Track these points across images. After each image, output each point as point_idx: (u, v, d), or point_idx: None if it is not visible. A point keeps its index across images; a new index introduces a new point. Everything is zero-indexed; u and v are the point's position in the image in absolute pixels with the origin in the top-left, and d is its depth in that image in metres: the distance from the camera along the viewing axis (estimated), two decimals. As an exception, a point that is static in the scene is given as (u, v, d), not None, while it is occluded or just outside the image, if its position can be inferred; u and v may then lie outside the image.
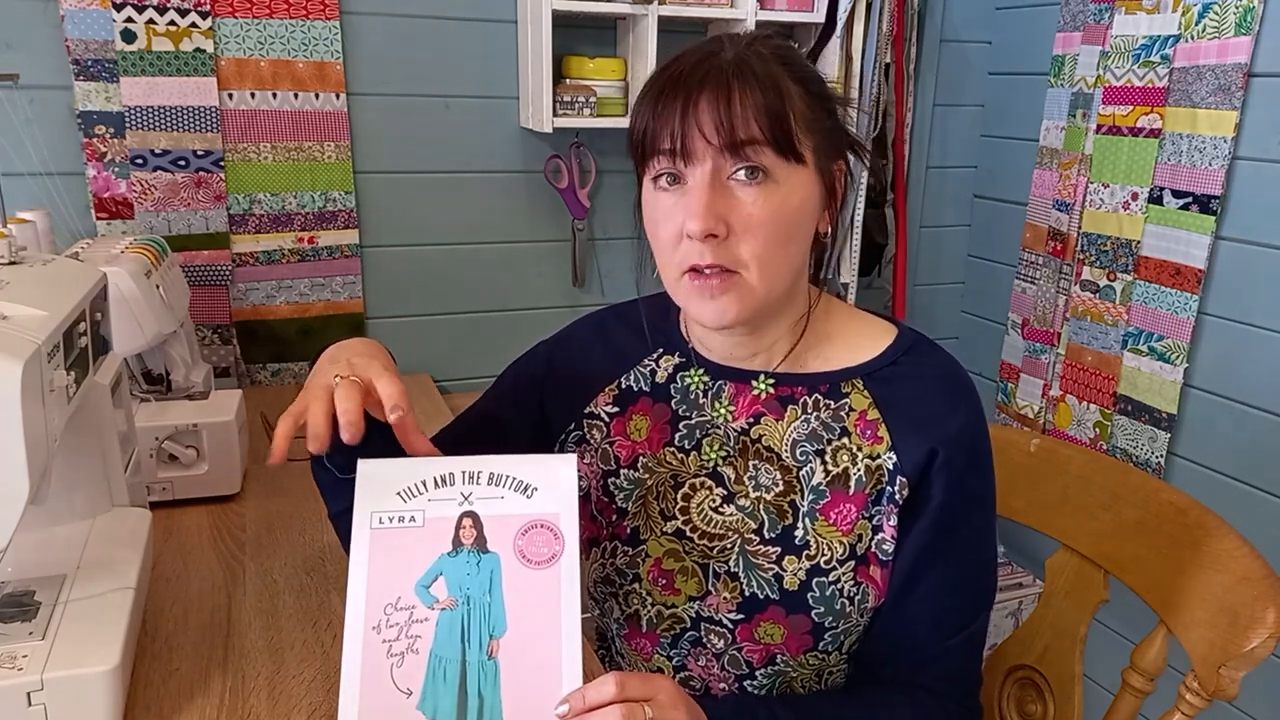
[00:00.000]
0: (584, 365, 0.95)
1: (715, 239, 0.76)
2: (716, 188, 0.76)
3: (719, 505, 0.86)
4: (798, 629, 0.82)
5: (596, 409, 0.93)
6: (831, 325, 0.88)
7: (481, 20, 1.75)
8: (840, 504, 0.82)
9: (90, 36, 1.50)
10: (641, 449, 0.90)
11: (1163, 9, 1.69)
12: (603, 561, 0.92)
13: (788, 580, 0.82)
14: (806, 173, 0.78)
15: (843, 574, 0.81)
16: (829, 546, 0.82)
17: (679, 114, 0.75)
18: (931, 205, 2.23)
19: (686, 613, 0.86)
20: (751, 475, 0.86)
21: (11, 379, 0.65)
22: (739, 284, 0.78)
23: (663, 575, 0.87)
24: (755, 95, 0.75)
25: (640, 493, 0.90)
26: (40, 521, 0.89)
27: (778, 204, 0.77)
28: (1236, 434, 1.67)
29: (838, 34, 1.86)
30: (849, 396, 0.84)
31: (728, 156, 0.75)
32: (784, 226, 0.77)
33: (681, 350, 0.92)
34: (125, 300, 1.13)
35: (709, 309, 0.79)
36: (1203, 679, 0.91)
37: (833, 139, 0.81)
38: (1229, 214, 1.64)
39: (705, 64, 0.77)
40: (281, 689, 0.83)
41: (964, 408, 0.82)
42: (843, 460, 0.83)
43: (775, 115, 0.75)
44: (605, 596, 0.92)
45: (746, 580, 0.84)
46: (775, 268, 0.78)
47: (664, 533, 0.88)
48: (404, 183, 1.77)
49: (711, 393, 0.89)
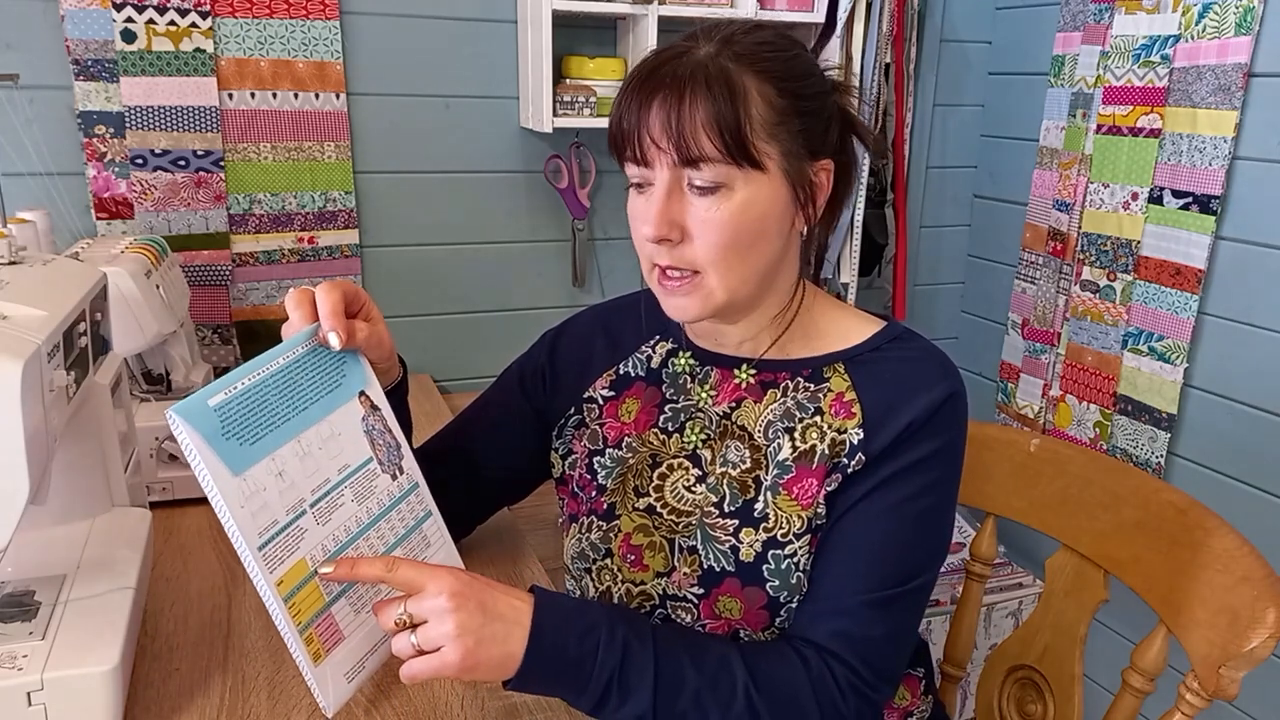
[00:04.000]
0: (585, 353, 0.97)
1: (670, 243, 0.78)
2: (674, 194, 0.78)
3: (692, 485, 0.87)
4: (754, 603, 0.82)
5: (594, 393, 0.95)
6: (819, 318, 0.89)
7: (481, 20, 1.75)
8: (804, 479, 0.82)
9: (90, 36, 1.50)
10: (628, 430, 0.92)
11: (1163, 9, 1.69)
12: (579, 536, 0.92)
13: (744, 552, 0.82)
14: (768, 178, 0.78)
15: (799, 548, 0.81)
16: (788, 520, 0.81)
17: (636, 121, 0.77)
18: (931, 205, 2.23)
19: (655, 589, 0.87)
20: (722, 454, 0.87)
21: (11, 379, 0.65)
22: (700, 285, 0.80)
23: (632, 551, 0.88)
24: (706, 105, 0.75)
25: (620, 471, 0.91)
26: (40, 521, 0.89)
27: (733, 212, 0.77)
28: (1236, 434, 1.67)
29: (838, 34, 1.86)
30: (829, 380, 0.85)
31: (682, 167, 0.77)
32: (742, 234, 0.78)
33: (675, 337, 0.94)
34: (125, 300, 1.13)
35: (671, 305, 0.83)
36: (1203, 679, 0.91)
37: (808, 138, 0.80)
38: (1229, 214, 1.64)
39: (668, 66, 0.77)
40: (281, 689, 0.83)
41: (941, 387, 0.80)
42: (811, 437, 0.82)
43: (726, 127, 0.75)
44: (581, 573, 0.93)
45: (704, 553, 0.84)
46: (735, 271, 0.79)
47: (636, 509, 0.89)
48: (404, 183, 1.77)
49: (698, 377, 0.91)
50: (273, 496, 0.67)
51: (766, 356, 0.88)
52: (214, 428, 0.65)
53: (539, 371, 0.99)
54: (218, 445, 0.65)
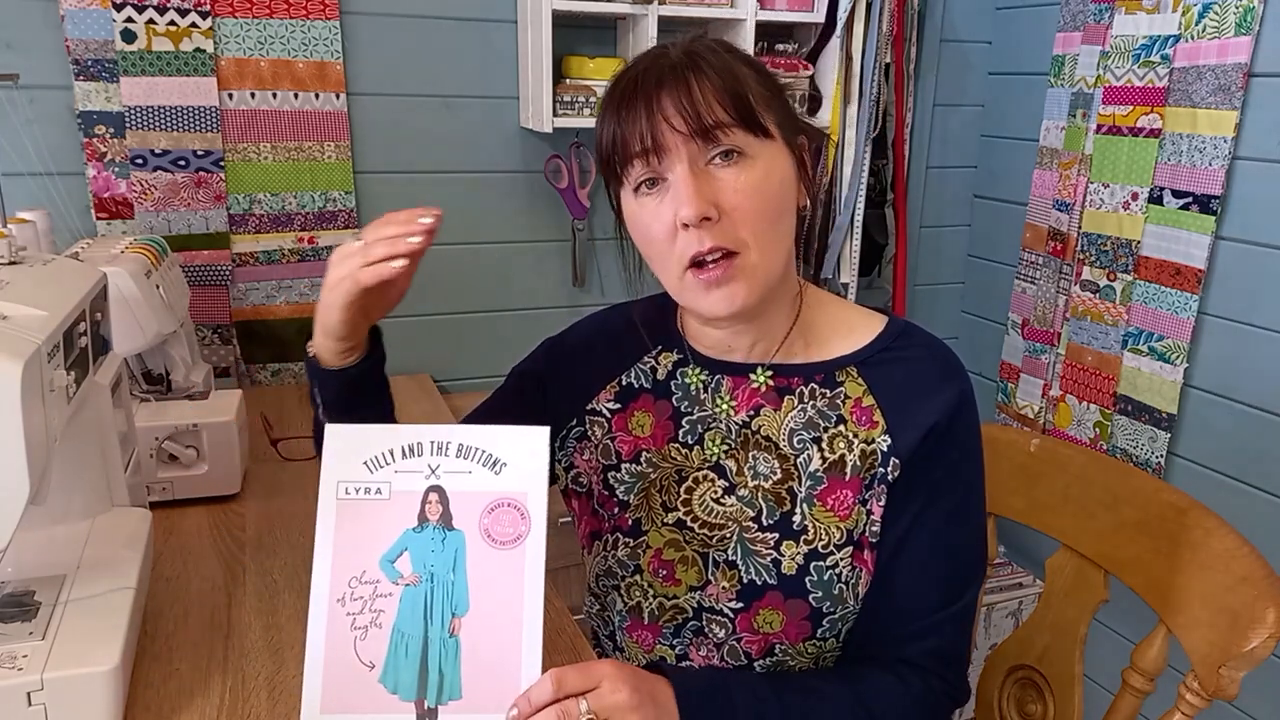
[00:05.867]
0: (585, 362, 0.96)
1: (710, 222, 0.77)
2: (698, 174, 0.77)
3: (720, 496, 0.88)
4: (796, 615, 0.83)
5: (598, 405, 0.94)
6: (821, 314, 0.89)
7: (481, 20, 1.75)
8: (837, 489, 0.83)
9: (90, 36, 1.50)
10: (645, 444, 0.91)
11: (1163, 9, 1.69)
12: (605, 554, 0.92)
13: (785, 565, 0.83)
14: (777, 146, 0.80)
15: (840, 559, 0.83)
16: (826, 531, 0.83)
17: (644, 115, 0.77)
18: (931, 205, 2.23)
19: (688, 603, 0.87)
20: (751, 465, 0.87)
21: (11, 379, 0.65)
22: (741, 267, 0.78)
23: (663, 566, 0.88)
24: (713, 79, 0.77)
25: (642, 485, 0.91)
26: (40, 521, 0.89)
27: (759, 179, 0.78)
28: (1236, 434, 1.67)
29: (838, 34, 1.86)
30: (844, 385, 0.86)
31: (700, 143, 0.77)
32: (771, 200, 0.79)
33: (680, 347, 0.93)
34: (125, 300, 1.13)
35: (717, 297, 0.79)
36: (1203, 679, 0.91)
37: (789, 116, 0.83)
38: (1229, 214, 1.64)
39: (656, 65, 0.79)
40: (281, 689, 0.83)
41: (954, 385, 0.83)
42: (839, 447, 0.84)
43: (735, 95, 0.77)
44: (607, 589, 0.93)
45: (745, 567, 0.85)
46: (772, 244, 0.80)
47: (665, 524, 0.89)
48: (404, 183, 1.77)
49: (710, 388, 0.90)
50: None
51: (777, 360, 0.88)
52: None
53: (538, 380, 0.99)
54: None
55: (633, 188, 0.80)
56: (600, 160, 0.83)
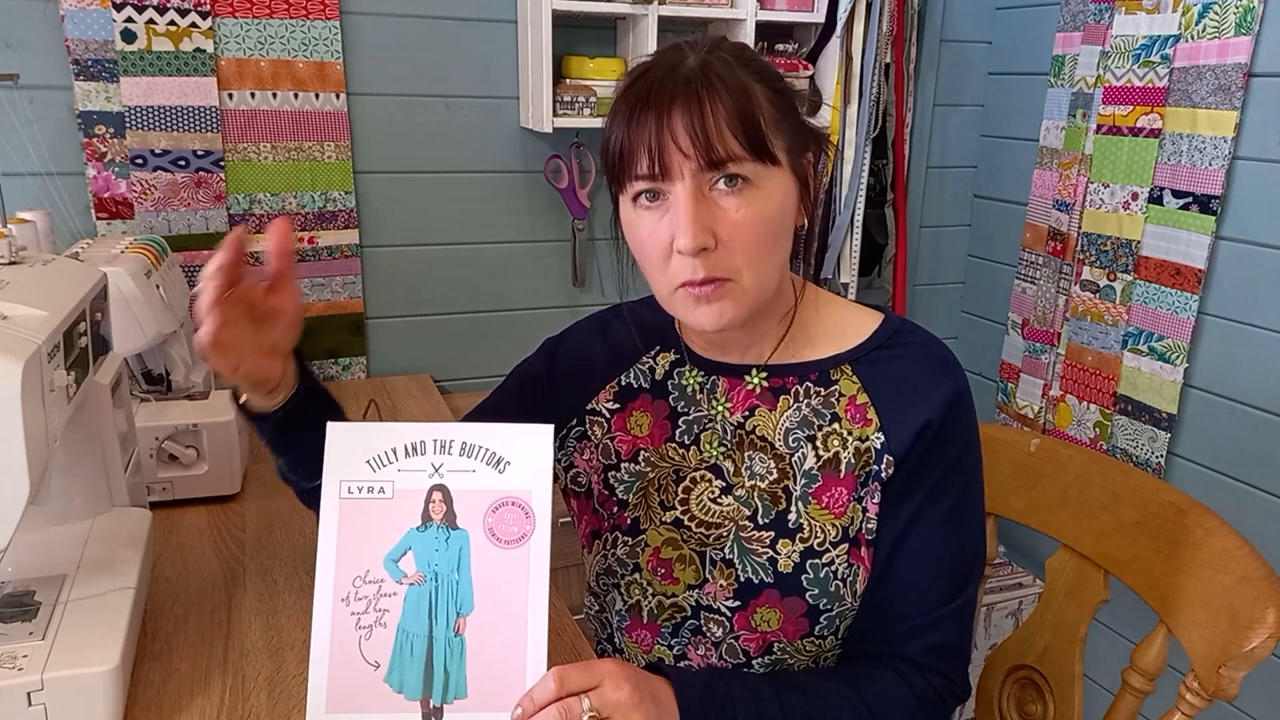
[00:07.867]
0: (585, 362, 0.97)
1: (706, 252, 0.77)
2: (699, 200, 0.76)
3: (717, 496, 0.88)
4: (793, 612, 0.83)
5: (598, 405, 0.95)
6: (817, 314, 0.89)
7: (481, 20, 1.75)
8: (832, 487, 0.83)
9: (90, 36, 1.50)
10: (643, 444, 0.92)
11: (1163, 9, 1.69)
12: (604, 553, 0.93)
13: (781, 563, 0.83)
14: (781, 172, 0.79)
15: (836, 556, 0.83)
16: (822, 529, 0.83)
17: (654, 132, 0.76)
18: (931, 205, 2.23)
19: (686, 601, 0.87)
20: (748, 466, 0.87)
21: (11, 379, 0.65)
22: (732, 289, 0.79)
23: (661, 564, 0.89)
24: (726, 103, 0.75)
25: (641, 485, 0.91)
26: (40, 521, 0.89)
27: (760, 208, 0.77)
28: (1236, 434, 1.67)
29: (838, 34, 1.86)
30: (838, 383, 0.86)
31: (706, 170, 0.76)
32: (769, 228, 0.78)
33: (677, 347, 0.93)
34: (125, 300, 1.13)
35: (706, 313, 0.80)
36: (1203, 679, 0.91)
37: (798, 133, 0.82)
38: (1229, 214, 1.64)
39: (673, 75, 0.77)
40: (281, 689, 0.83)
41: (949, 380, 0.83)
42: (833, 445, 0.84)
43: (748, 121, 0.76)
44: (607, 588, 0.93)
45: (741, 566, 0.85)
46: (765, 270, 0.80)
47: (663, 522, 0.89)
48: (404, 183, 1.77)
49: (707, 388, 0.91)
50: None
51: (773, 361, 0.88)
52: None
53: (538, 380, 0.99)
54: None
55: (631, 196, 0.80)
56: (604, 162, 0.82)
